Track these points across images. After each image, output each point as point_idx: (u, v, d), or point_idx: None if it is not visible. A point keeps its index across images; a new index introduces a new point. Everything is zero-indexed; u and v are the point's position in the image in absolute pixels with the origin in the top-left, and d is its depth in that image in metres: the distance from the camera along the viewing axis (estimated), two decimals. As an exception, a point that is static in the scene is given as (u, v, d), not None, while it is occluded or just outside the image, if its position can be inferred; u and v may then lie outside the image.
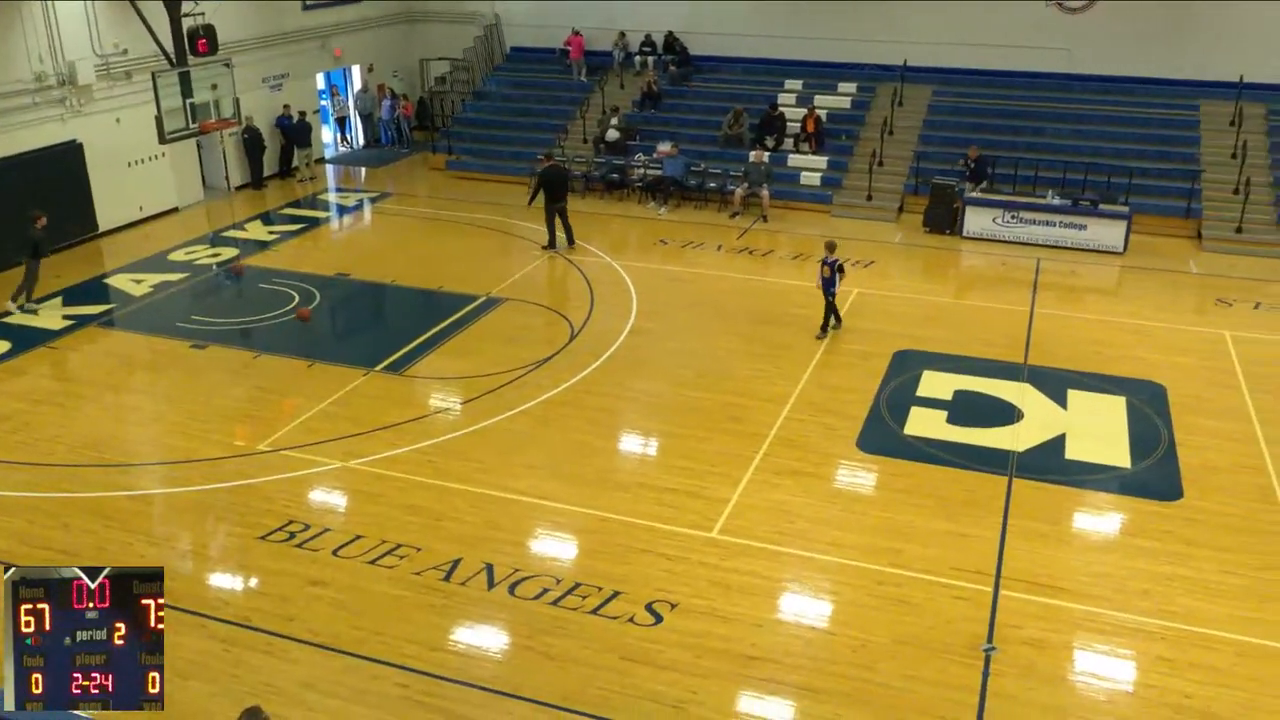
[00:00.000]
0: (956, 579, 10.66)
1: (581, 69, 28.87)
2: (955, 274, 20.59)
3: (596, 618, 10.07)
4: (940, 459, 13.01)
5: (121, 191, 22.11)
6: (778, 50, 27.48)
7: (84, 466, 12.93)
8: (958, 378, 15.23)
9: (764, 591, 10.50)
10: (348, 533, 11.48)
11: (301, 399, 14.60)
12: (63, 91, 20.55)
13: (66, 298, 18.45)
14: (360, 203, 25.54)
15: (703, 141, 25.68)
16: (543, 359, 15.79)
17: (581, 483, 12.47)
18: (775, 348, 16.27)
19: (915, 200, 23.35)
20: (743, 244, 21.61)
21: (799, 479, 12.55)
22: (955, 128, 24.86)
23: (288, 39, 26.60)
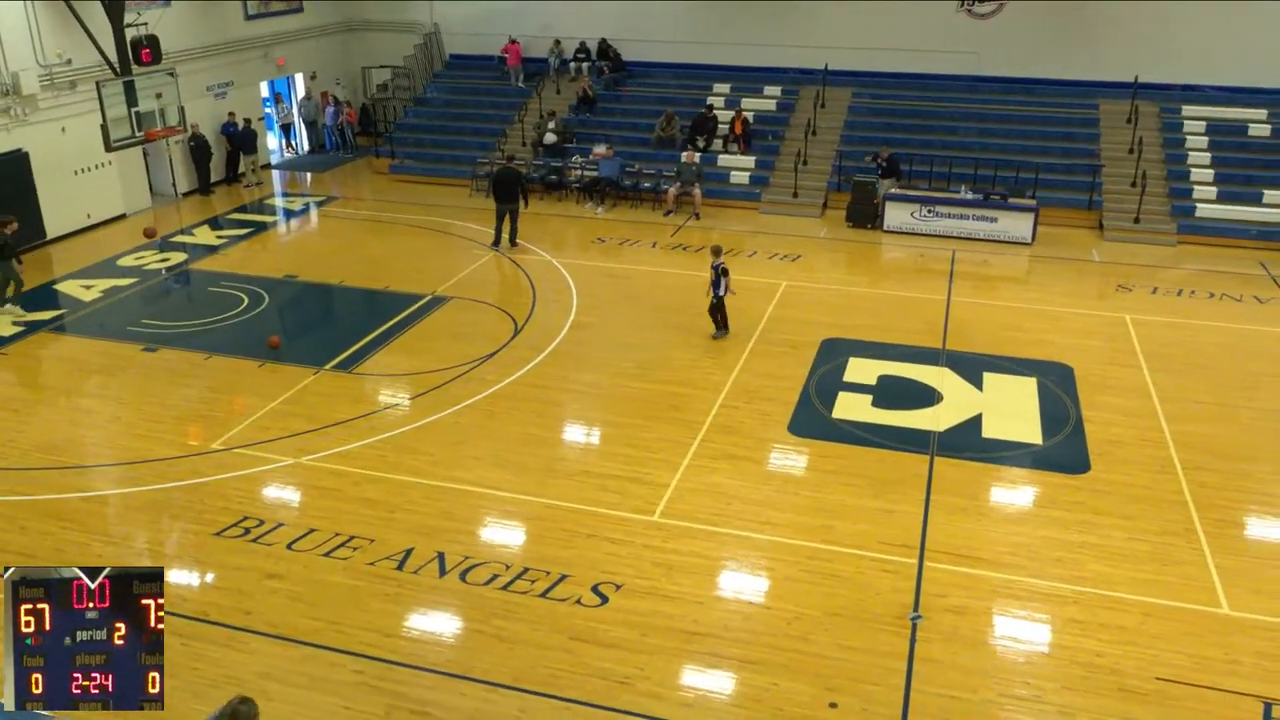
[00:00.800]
0: (884, 553, 10.82)
1: (519, 75, 28.70)
2: (877, 266, 20.85)
3: (545, 600, 10.05)
4: (867, 440, 13.18)
5: (69, 199, 21.50)
6: (707, 56, 27.57)
7: (39, 469, 12.58)
8: (881, 364, 15.43)
9: (704, 570, 10.57)
10: (302, 526, 11.32)
11: (253, 398, 14.35)
12: (6, 101, 19.92)
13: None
14: (306, 207, 25.14)
15: (636, 143, 25.68)
16: (488, 354, 15.69)
17: (528, 472, 12.43)
18: (709, 339, 16.34)
19: (838, 197, 23.59)
20: (676, 241, 21.66)
21: (735, 463, 12.64)
22: (874, 128, 25.15)
23: (231, 48, 26.06)
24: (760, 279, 19.13)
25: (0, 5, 19.05)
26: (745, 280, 19.01)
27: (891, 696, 8.83)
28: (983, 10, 25.46)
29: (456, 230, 22.26)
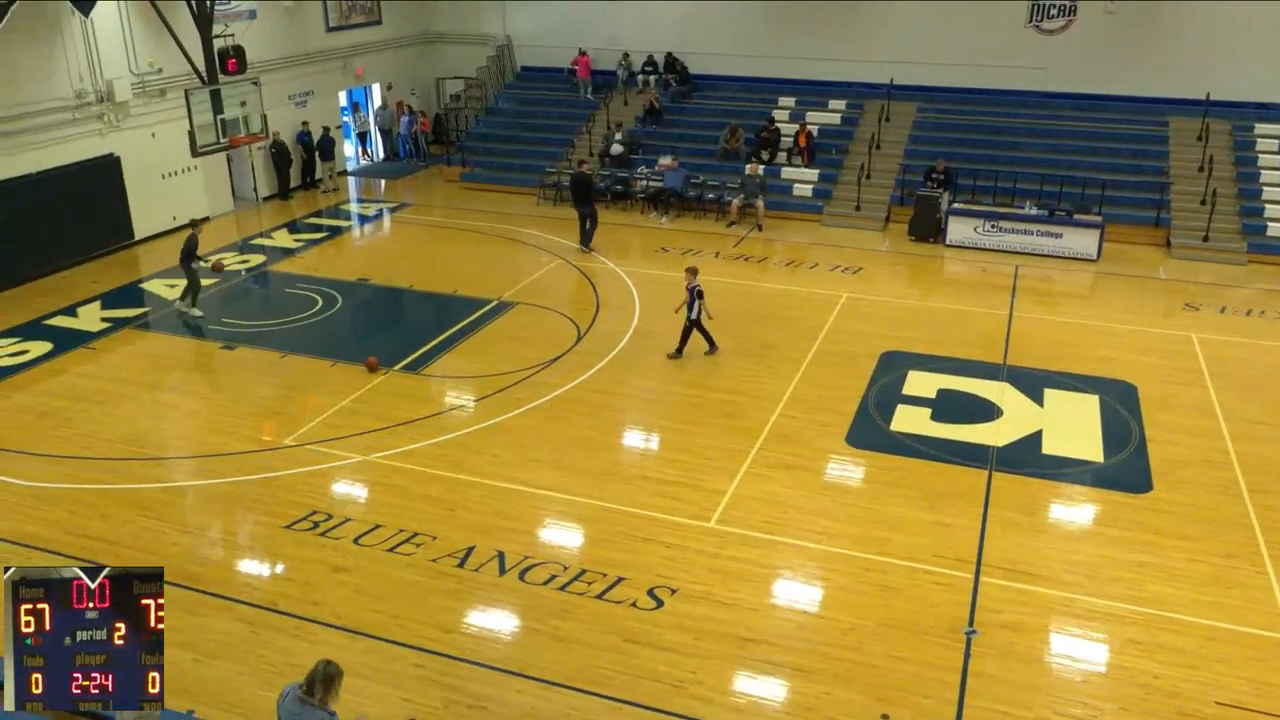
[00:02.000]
0: (939, 566, 10.65)
1: (588, 87, 28.87)
2: (939, 280, 20.56)
3: (601, 602, 10.07)
4: (924, 453, 13.00)
5: (156, 202, 22.11)
6: (772, 70, 27.46)
7: (121, 460, 12.95)
8: (941, 377, 15.22)
9: (759, 578, 10.50)
10: (368, 522, 11.49)
11: (324, 396, 14.60)
12: (101, 108, 20.58)
13: (105, 301, 18.46)
14: (380, 212, 25.54)
15: (701, 155, 25.66)
16: (551, 359, 15.79)
17: (587, 475, 12.47)
18: (769, 348, 16.26)
19: (901, 210, 23.33)
20: (739, 251, 21.60)
21: (791, 472, 12.55)
22: (938, 142, 24.83)
23: (312, 59, 26.62)
24: (821, 290, 18.99)
25: (97, 17, 19.68)
26: (806, 292, 18.92)
27: (944, 710, 8.69)
28: (1051, 25, 25.03)
29: (524, 237, 22.45)
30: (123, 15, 20.71)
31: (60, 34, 19.60)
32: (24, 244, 19.19)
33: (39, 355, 16.11)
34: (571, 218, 22.28)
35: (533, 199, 25.53)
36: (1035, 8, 25.03)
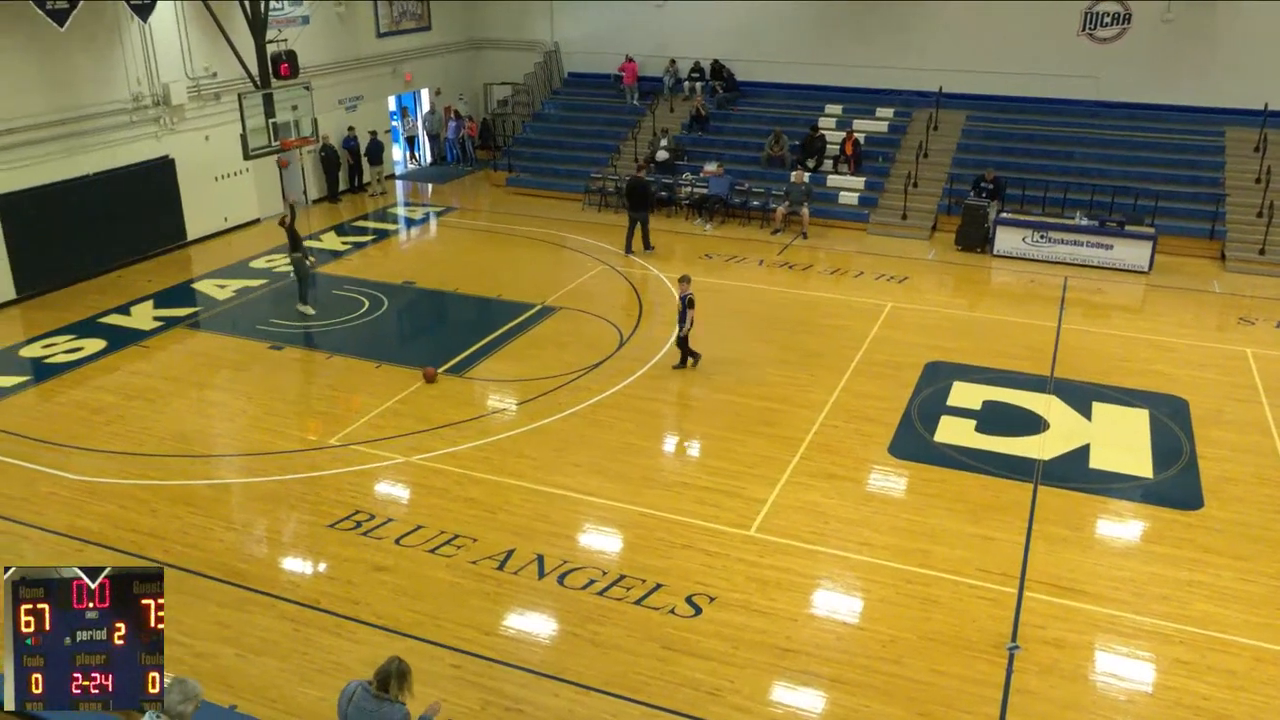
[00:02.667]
0: (982, 580, 10.53)
1: (634, 93, 28.95)
2: (986, 290, 20.34)
3: (639, 608, 10.07)
4: (969, 465, 12.86)
5: (209, 203, 22.52)
6: (819, 77, 27.38)
7: (170, 456, 13.18)
8: (986, 389, 15.05)
9: (799, 588, 10.45)
10: (409, 523, 11.59)
11: (369, 398, 14.77)
12: (157, 111, 21.00)
13: (157, 301, 18.83)
14: (426, 216, 25.79)
15: (746, 162, 25.63)
16: (593, 364, 15.83)
17: (627, 480, 12.49)
18: (812, 356, 16.19)
19: (948, 220, 23.12)
20: (783, 259, 21.53)
21: (833, 482, 12.47)
22: (987, 151, 24.59)
23: (362, 64, 26.96)
24: (865, 299, 18.87)
25: (154, 21, 20.09)
26: (850, 300, 18.81)
27: (985, 726, 8.58)
28: (1105, 34, 24.68)
29: (569, 243, 22.55)
30: (179, 20, 21.13)
31: (119, 38, 20.05)
32: (81, 243, 19.63)
33: (93, 352, 16.46)
34: (614, 223, 22.34)
35: (578, 204, 25.65)
36: (1088, 16, 24.70)
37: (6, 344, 16.92)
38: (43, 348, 16.74)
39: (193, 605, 10.14)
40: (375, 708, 6.39)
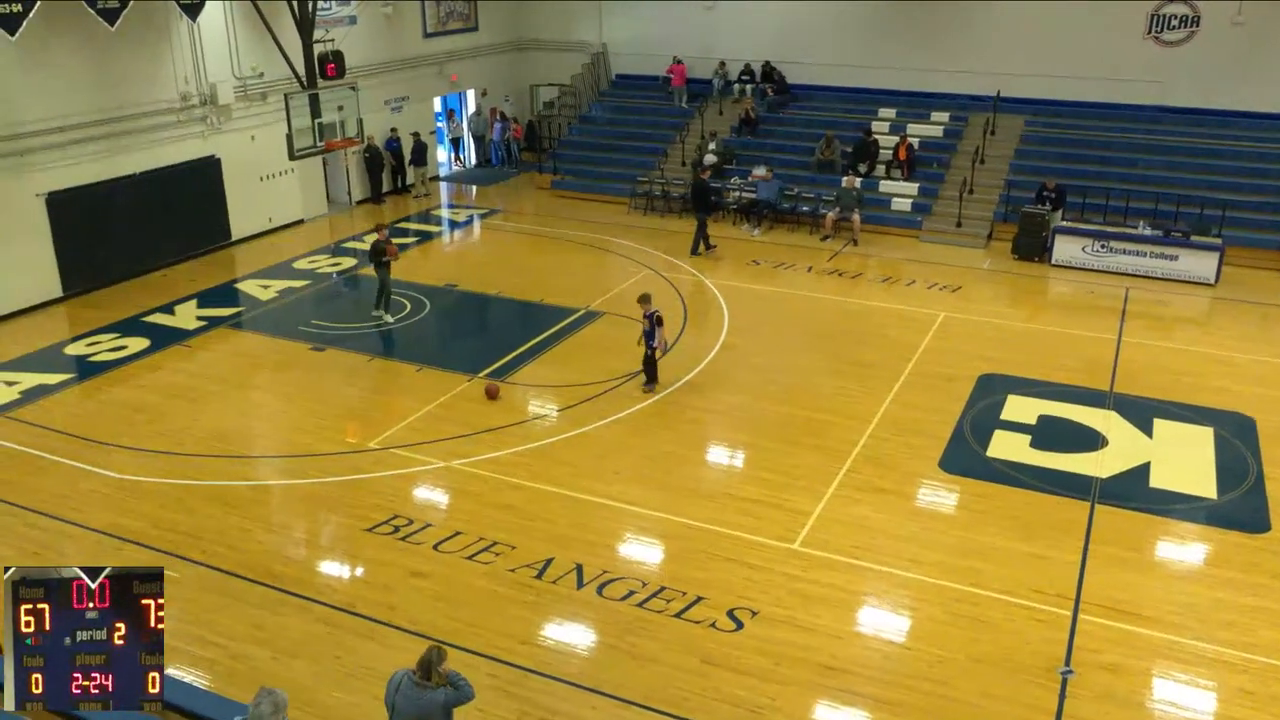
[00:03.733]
0: (1035, 601, 10.35)
1: (682, 96, 28.96)
2: (1043, 300, 20.05)
3: (680, 621, 10.03)
4: (1022, 482, 12.66)
5: (253, 203, 22.88)
6: (873, 80, 27.20)
7: (210, 457, 13.37)
8: (1042, 403, 14.82)
9: (843, 604, 10.34)
10: (448, 529, 11.64)
11: (409, 401, 14.88)
12: (204, 110, 21.38)
13: (201, 300, 19.14)
14: (470, 218, 25.98)
15: (796, 166, 25.51)
16: (636, 371, 15.81)
17: (668, 490, 12.45)
18: (861, 366, 16.05)
19: (1004, 228, 22.83)
20: (833, 266, 21.39)
21: (881, 496, 12.34)
22: (1046, 157, 24.25)
23: (408, 64, 27.24)
24: (917, 309, 18.67)
25: (203, 22, 20.46)
26: (901, 310, 18.63)
27: (1036, 753, 8.43)
28: (1172, 37, 24.25)
29: (613, 247, 22.59)
30: (228, 20, 21.50)
31: (168, 38, 20.43)
32: (127, 242, 20.02)
33: (137, 351, 16.76)
34: (660, 227, 22.38)
35: (623, 208, 25.68)
36: (1155, 18, 24.29)
37: (52, 341, 17.29)
38: (87, 345, 17.09)
39: (229, 606, 10.27)
40: (419, 695, 6.90)
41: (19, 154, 17.97)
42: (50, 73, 18.29)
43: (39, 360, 16.44)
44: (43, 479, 12.79)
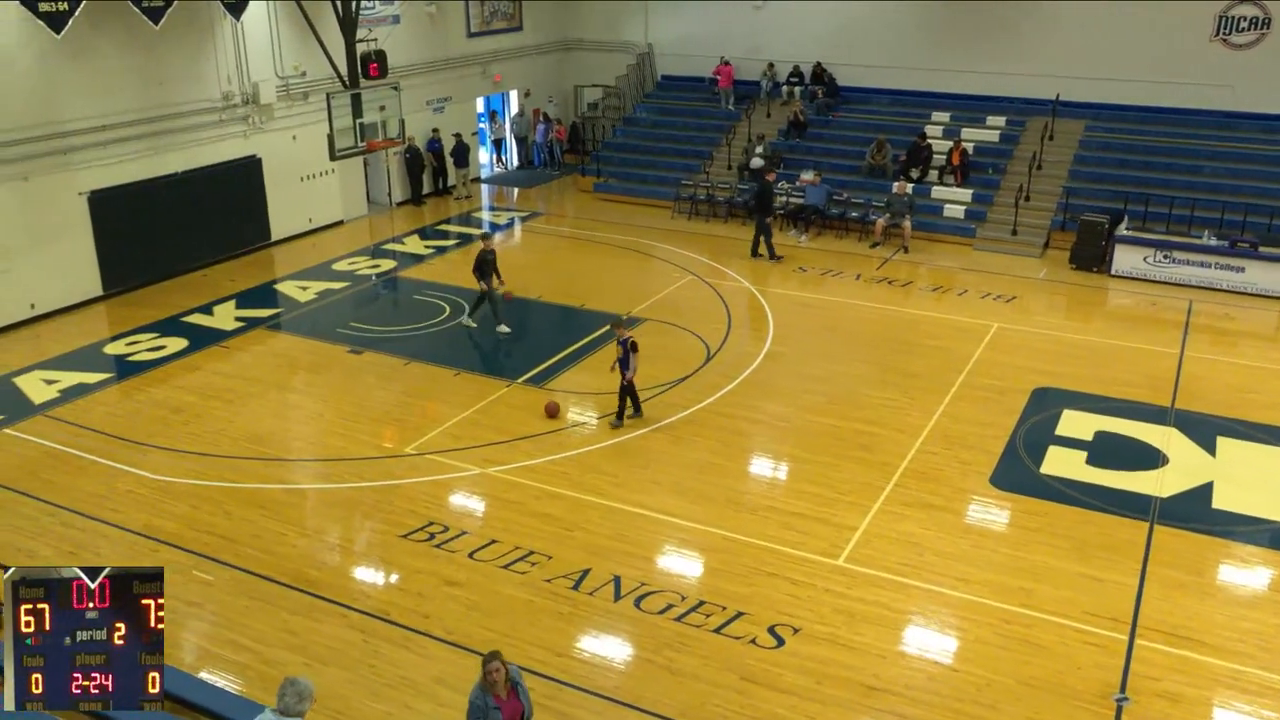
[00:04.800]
0: (1089, 624, 10.19)
1: (729, 98, 28.95)
2: (1101, 312, 19.77)
3: (719, 636, 10.00)
4: (1078, 500, 12.49)
5: (294, 204, 23.20)
6: (926, 83, 27.00)
7: (246, 459, 13.56)
8: (1099, 418, 14.61)
9: (889, 622, 10.26)
10: (484, 537, 11.71)
11: (446, 406, 14.99)
12: (246, 110, 21.72)
13: (240, 301, 19.43)
14: (511, 221, 26.14)
15: (846, 171, 25.39)
16: (678, 379, 15.82)
17: (709, 502, 12.43)
18: (910, 378, 15.92)
19: (1062, 236, 22.55)
20: (882, 274, 21.25)
21: (930, 512, 12.23)
22: (1107, 164, 23.93)
23: (451, 64, 27.48)
24: (970, 319, 18.50)
25: (247, 20, 20.81)
26: (953, 320, 18.47)
27: (1089, 783, 8.29)
28: (1241, 39, 23.83)
29: (656, 251, 22.61)
30: (271, 19, 21.84)
31: (211, 37, 20.80)
32: (167, 241, 20.39)
33: (175, 351, 17.05)
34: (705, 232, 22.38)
35: (667, 212, 25.70)
36: (1223, 20, 23.89)
37: (92, 340, 17.64)
38: (126, 345, 17.42)
39: (263, 611, 10.40)
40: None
41: (63, 152, 18.38)
42: (94, 71, 18.70)
43: (79, 359, 16.78)
44: (80, 478, 13.05)
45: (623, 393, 14.33)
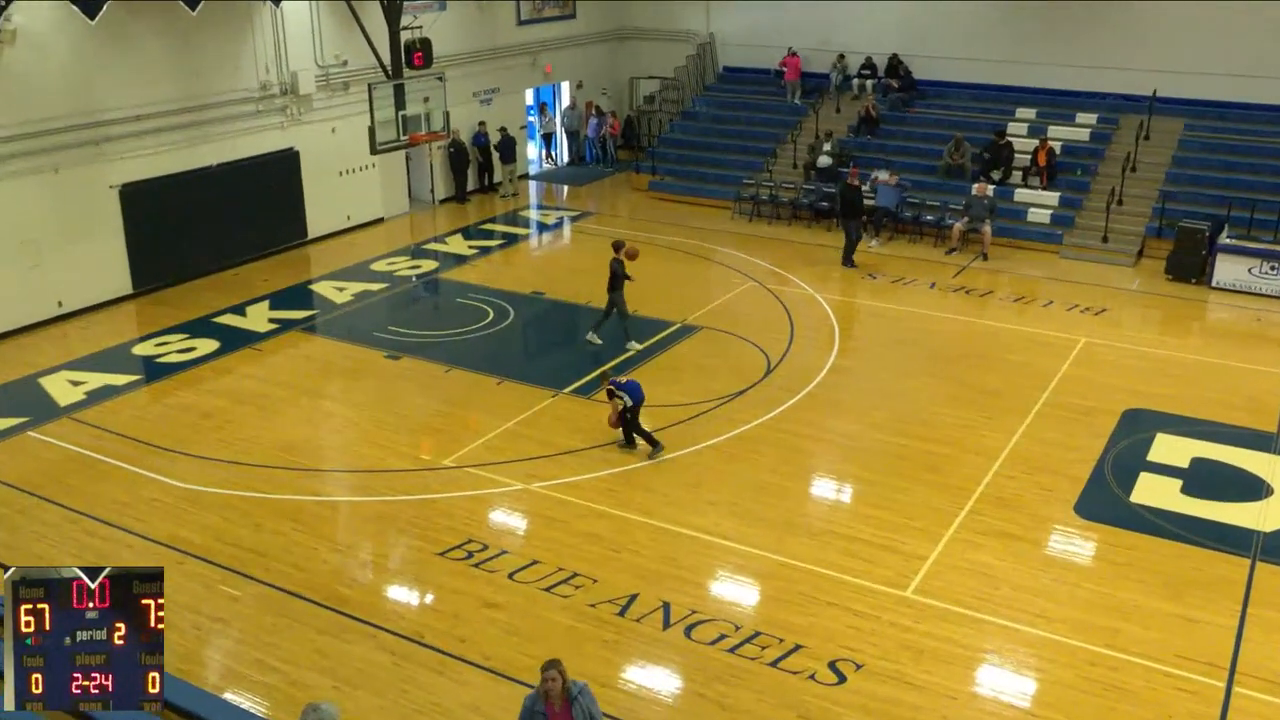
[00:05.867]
0: (1182, 669, 9.99)
1: (796, 91, 28.88)
2: (1200, 327, 19.42)
3: (775, 670, 9.94)
4: (1171, 533, 12.26)
5: (332, 200, 23.53)
6: (1010, 76, 26.74)
7: (278, 469, 13.76)
8: (1197, 443, 14.33)
9: (960, 660, 10.13)
10: (525, 556, 11.76)
11: (488, 416, 15.09)
12: (284, 100, 22.10)
13: (273, 302, 19.75)
14: (560, 221, 26.30)
15: (920, 171, 25.22)
16: (736, 392, 15.78)
17: (768, 525, 12.38)
18: (988, 396, 15.75)
19: (1157, 244, 22.19)
20: (959, 282, 21.05)
21: (1007, 541, 12.07)
22: (1209, 165, 23.52)
23: (500, 54, 27.73)
24: (1054, 333, 18.26)
25: (287, 7, 21.19)
26: (1036, 333, 18.24)
27: (1179, 843, 8.11)
28: (1360, 32, 23.30)
29: (715, 255, 22.61)
30: (312, 5, 22.22)
31: (250, 24, 21.21)
32: (200, 238, 20.79)
33: (206, 353, 17.37)
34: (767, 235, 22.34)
35: (727, 213, 25.69)
36: (1341, 9, 23.39)
37: (120, 340, 18.04)
38: (156, 346, 17.78)
39: (291, 629, 10.53)
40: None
41: (95, 143, 18.85)
42: (128, 59, 19.15)
43: (106, 360, 17.16)
44: (104, 485, 13.33)
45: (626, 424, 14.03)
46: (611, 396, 13.94)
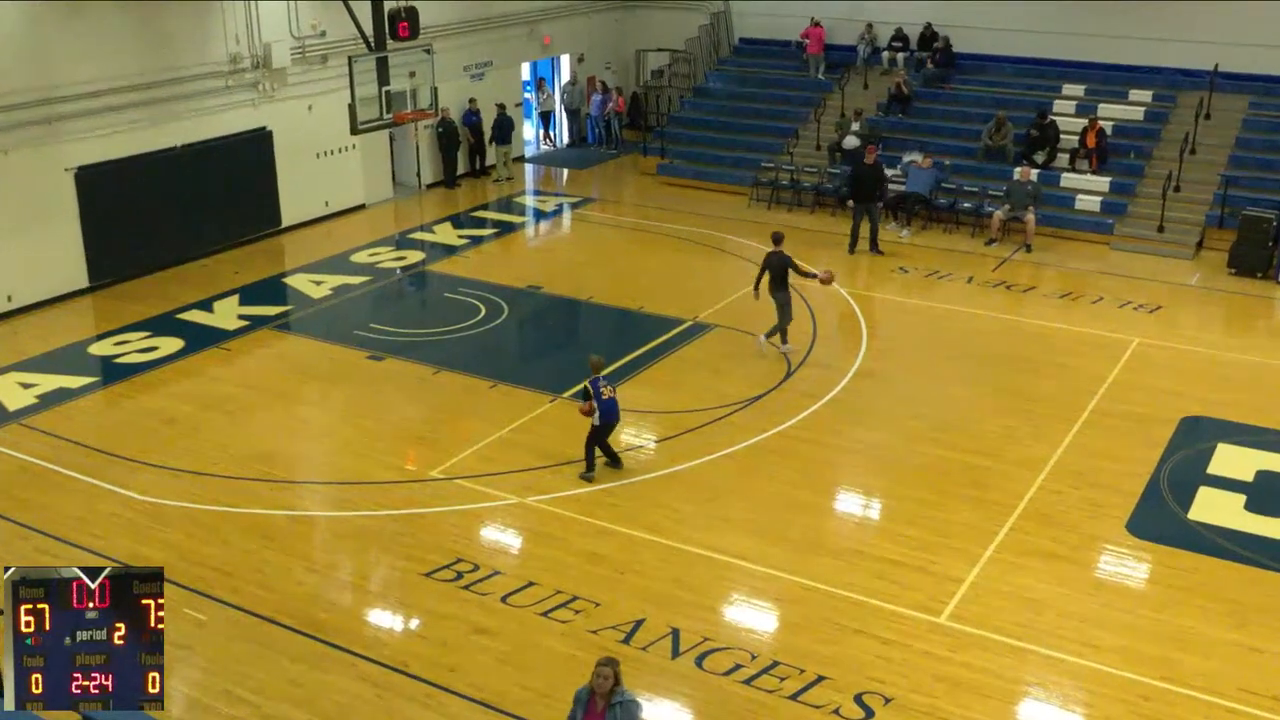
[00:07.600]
0: (1245, 703, 10.00)
1: (819, 65, 28.90)
2: (1266, 327, 19.44)
3: (795, 704, 9.96)
4: (1233, 553, 12.26)
5: (308, 185, 23.57)
6: (1056, 49, 26.74)
7: (249, 480, 13.79)
8: (1263, 455, 14.35)
9: (1000, 694, 10.15)
10: (520, 578, 11.78)
11: (480, 423, 15.12)
12: (256, 75, 22.12)
13: (243, 296, 19.81)
14: (560, 208, 26.35)
15: (957, 153, 25.23)
16: (753, 397, 15.80)
17: (788, 544, 12.39)
18: (1031, 402, 15.76)
19: (1219, 234, 22.20)
20: (999, 276, 21.06)
21: (1051, 563, 12.08)
22: (1276, 148, 23.52)
23: (493, 24, 27.73)
24: (1105, 332, 18.27)
25: (261, -29, 21.26)
26: (1084, 333, 18.24)
27: None
28: None
29: (730, 246, 22.63)
30: (288, -31, 22.26)
31: (220, -10, 21.23)
32: (163, 226, 20.84)
33: (170, 353, 17.43)
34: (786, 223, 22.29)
35: (743, 200, 25.70)
36: None
37: (75, 339, 18.10)
38: (114, 345, 17.84)
39: (263, 657, 10.55)
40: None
41: (48, 122, 18.87)
42: (87, 30, 19.17)
43: (60, 360, 17.22)
44: (57, 497, 13.37)
45: (590, 439, 13.74)
46: (586, 398, 13.63)
